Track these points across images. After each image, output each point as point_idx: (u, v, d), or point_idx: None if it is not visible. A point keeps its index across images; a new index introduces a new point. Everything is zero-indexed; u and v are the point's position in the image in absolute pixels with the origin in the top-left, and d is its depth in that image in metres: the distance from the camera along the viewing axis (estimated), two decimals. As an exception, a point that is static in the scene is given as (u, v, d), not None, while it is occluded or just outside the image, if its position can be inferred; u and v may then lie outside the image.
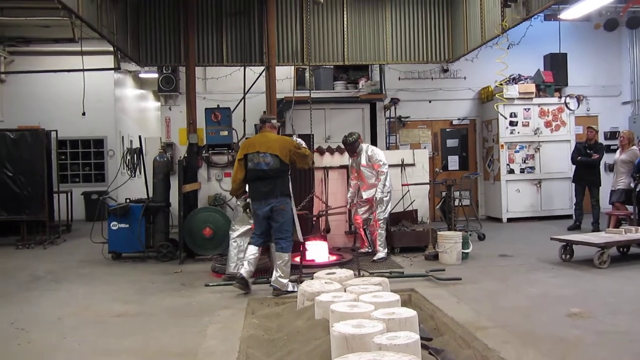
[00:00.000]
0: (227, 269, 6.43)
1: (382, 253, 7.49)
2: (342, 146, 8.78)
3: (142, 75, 15.27)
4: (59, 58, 13.36)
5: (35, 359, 3.98)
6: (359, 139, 7.78)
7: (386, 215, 7.63)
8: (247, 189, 6.03)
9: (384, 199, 7.56)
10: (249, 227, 6.40)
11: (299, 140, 6.24)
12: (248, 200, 6.01)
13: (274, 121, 6.30)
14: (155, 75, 13.01)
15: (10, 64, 13.98)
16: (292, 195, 6.01)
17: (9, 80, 14.03)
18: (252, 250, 5.80)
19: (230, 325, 4.56)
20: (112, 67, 12.59)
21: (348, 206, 8.11)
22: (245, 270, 5.71)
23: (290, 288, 5.69)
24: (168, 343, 4.24)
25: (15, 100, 13.97)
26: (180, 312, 5.18)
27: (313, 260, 7.14)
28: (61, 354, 4.08)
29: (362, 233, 8.02)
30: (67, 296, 5.92)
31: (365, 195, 7.75)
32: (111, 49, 9.62)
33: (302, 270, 6.23)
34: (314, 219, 7.90)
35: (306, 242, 7.11)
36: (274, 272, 5.68)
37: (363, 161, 7.68)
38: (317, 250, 7.31)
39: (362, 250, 7.88)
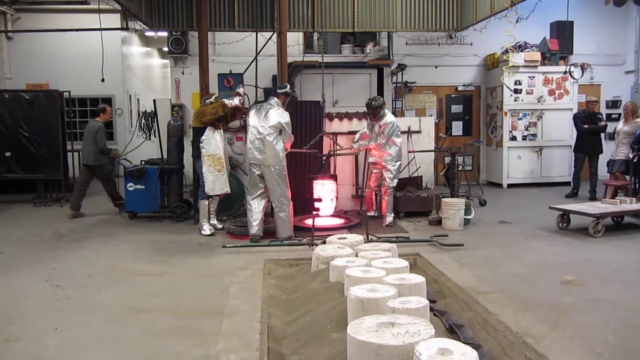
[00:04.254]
0: (250, 230, 6.81)
1: (390, 217, 7.82)
2: (350, 112, 9.05)
3: (147, 34, 15.29)
4: (65, 15, 13.41)
5: (78, 315, 4.32)
6: (383, 105, 7.87)
7: (394, 184, 7.92)
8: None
9: (393, 168, 7.83)
10: (262, 190, 6.85)
11: (230, 99, 7.45)
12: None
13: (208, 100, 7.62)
14: (161, 34, 13.07)
15: (17, 21, 13.98)
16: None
17: (16, 37, 14.05)
18: None
19: (250, 285, 4.90)
20: (120, 25, 12.72)
21: (355, 146, 8.12)
22: None
23: (202, 230, 7.29)
24: (195, 302, 4.61)
25: (23, 57, 14.03)
26: (202, 272, 5.55)
27: (319, 210, 7.35)
28: (99, 310, 4.45)
29: (373, 197, 8.30)
30: (93, 255, 6.30)
31: (373, 159, 8.02)
32: (117, 7, 9.70)
33: (314, 233, 6.56)
34: (324, 158, 8.12)
35: (315, 181, 7.59)
36: None
37: (375, 128, 7.86)
38: (324, 192, 7.67)
39: (369, 214, 8.16)
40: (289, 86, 7.14)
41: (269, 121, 6.68)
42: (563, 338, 3.69)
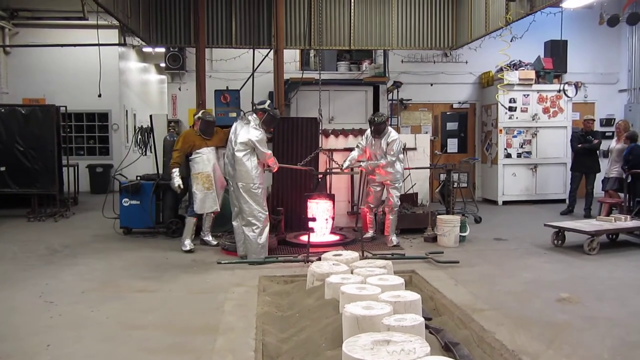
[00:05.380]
0: (238, 252, 6.78)
1: (395, 237, 7.55)
2: (346, 129, 9.08)
3: (145, 49, 15.38)
4: (64, 31, 13.51)
5: (71, 332, 4.28)
6: (386, 121, 7.55)
7: (399, 203, 7.70)
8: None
9: (398, 186, 7.59)
10: (236, 209, 6.75)
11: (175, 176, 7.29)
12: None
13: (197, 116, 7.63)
14: (159, 50, 13.15)
15: (15, 36, 14.06)
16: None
17: (14, 52, 14.12)
18: None
19: (245, 302, 4.87)
20: (117, 41, 12.80)
21: (362, 165, 7.60)
22: None
23: (185, 244, 7.25)
24: (190, 318, 4.57)
25: (20, 72, 14.10)
26: (197, 288, 5.52)
27: (313, 229, 7.33)
28: (92, 326, 4.40)
29: (371, 217, 7.90)
30: (87, 270, 6.24)
31: (380, 177, 7.58)
32: (115, 22, 9.79)
33: (309, 250, 6.52)
34: (320, 176, 7.87)
35: (310, 200, 7.43)
36: None
37: (382, 145, 7.48)
38: (319, 212, 7.50)
39: (367, 235, 7.78)
40: (268, 102, 6.86)
41: (239, 137, 6.51)
42: (559, 356, 3.67)
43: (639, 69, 12.86)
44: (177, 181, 7.23)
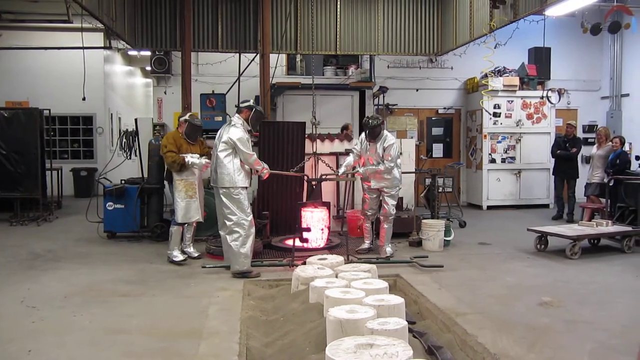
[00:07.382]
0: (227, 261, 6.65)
1: (389, 248, 7.23)
2: (332, 134, 9.11)
3: (130, 53, 15.31)
4: (48, 34, 13.37)
5: (53, 337, 4.24)
6: (382, 124, 7.09)
7: (394, 211, 7.36)
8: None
9: (394, 193, 7.26)
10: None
11: None
12: None
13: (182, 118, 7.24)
14: (144, 53, 13.12)
15: (-2, 38, 13.90)
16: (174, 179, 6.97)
17: (-3, 54, 13.96)
18: None
19: (230, 306, 4.87)
20: (102, 44, 12.73)
21: (360, 171, 7.19)
22: None
23: (174, 256, 6.85)
24: (174, 323, 4.55)
25: (3, 74, 13.93)
26: (181, 293, 5.49)
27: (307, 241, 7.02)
28: (75, 331, 4.36)
29: (368, 227, 7.53)
30: (70, 275, 6.18)
31: (376, 184, 7.18)
32: (100, 25, 9.74)
33: (295, 254, 6.53)
34: (314, 183, 7.47)
35: (304, 208, 7.13)
36: None
37: (379, 150, 7.06)
38: (314, 221, 7.21)
39: (364, 246, 7.44)
40: (251, 101, 6.51)
41: (222, 137, 6.16)
42: (540, 359, 3.72)
43: (620, 76, 13.08)
44: (195, 159, 6.89)
